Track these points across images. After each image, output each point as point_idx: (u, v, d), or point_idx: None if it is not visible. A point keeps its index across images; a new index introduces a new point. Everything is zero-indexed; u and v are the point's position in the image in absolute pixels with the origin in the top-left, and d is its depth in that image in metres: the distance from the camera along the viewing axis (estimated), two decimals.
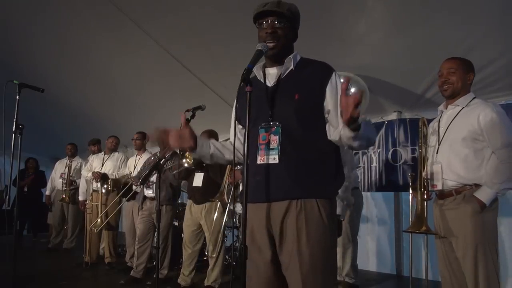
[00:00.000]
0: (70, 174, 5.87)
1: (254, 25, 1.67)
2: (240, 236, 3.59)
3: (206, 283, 3.77)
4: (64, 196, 5.73)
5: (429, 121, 2.57)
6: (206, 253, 3.87)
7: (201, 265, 4.33)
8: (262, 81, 1.69)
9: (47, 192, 6.57)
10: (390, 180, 4.43)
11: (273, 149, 1.55)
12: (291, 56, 1.64)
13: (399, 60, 3.59)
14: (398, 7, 3.11)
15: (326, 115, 1.59)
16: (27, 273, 4.47)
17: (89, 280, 4.45)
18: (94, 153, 5.55)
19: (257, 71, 1.71)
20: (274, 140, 1.56)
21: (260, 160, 1.56)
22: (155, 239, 3.74)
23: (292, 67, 1.64)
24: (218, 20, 3.76)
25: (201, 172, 3.81)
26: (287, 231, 1.52)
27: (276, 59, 1.66)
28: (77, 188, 5.85)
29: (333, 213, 1.58)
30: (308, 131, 1.56)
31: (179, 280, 3.86)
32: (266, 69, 1.71)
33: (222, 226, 3.80)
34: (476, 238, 2.09)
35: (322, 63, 1.67)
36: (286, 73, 1.65)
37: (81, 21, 4.42)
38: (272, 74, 1.68)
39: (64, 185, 5.81)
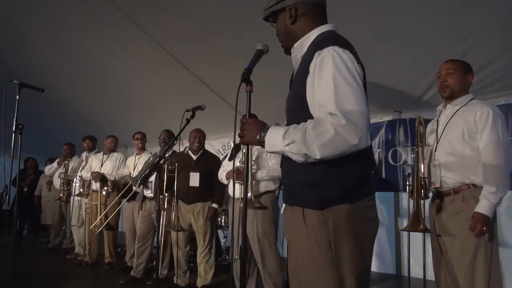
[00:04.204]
0: (68, 174, 5.88)
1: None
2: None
3: (202, 283, 3.77)
4: (61, 195, 5.74)
5: (428, 121, 2.57)
6: (202, 252, 3.86)
7: (196, 266, 4.34)
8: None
9: (37, 192, 6.72)
10: (390, 180, 4.43)
11: None
12: (295, 44, 1.45)
13: (399, 60, 3.58)
14: (398, 6, 3.11)
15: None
16: (27, 273, 4.47)
17: (89, 280, 4.44)
18: (85, 149, 5.58)
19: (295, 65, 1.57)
20: None
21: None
22: (155, 239, 3.74)
23: (299, 57, 1.44)
24: (218, 18, 3.75)
25: (196, 172, 3.80)
26: (288, 239, 1.46)
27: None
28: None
29: (326, 227, 1.29)
30: None
31: (178, 282, 3.87)
32: None
33: (207, 226, 3.80)
34: (476, 240, 2.08)
35: (318, 42, 1.34)
36: (297, 66, 1.45)
37: (82, 21, 4.41)
38: None
39: (62, 185, 5.81)
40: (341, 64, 1.23)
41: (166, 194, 3.73)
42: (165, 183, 3.75)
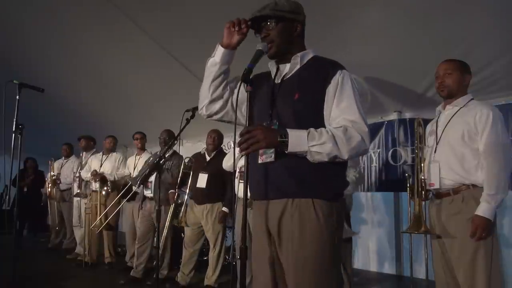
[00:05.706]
0: (54, 174, 5.89)
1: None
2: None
3: (206, 282, 3.79)
4: (54, 194, 5.76)
5: (428, 121, 2.57)
6: (211, 252, 3.87)
7: (200, 265, 4.34)
8: (273, 77, 1.67)
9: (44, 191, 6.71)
10: (390, 180, 4.43)
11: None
12: (299, 54, 1.59)
13: (399, 60, 3.58)
14: (399, 7, 3.11)
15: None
16: (27, 273, 4.46)
17: (89, 280, 4.44)
18: (80, 149, 5.62)
19: (271, 66, 1.68)
20: None
21: (260, 159, 1.54)
22: (155, 239, 3.75)
23: (299, 65, 1.60)
24: (218, 17, 3.73)
25: (204, 173, 3.82)
26: (283, 231, 1.49)
27: (283, 58, 1.62)
28: (67, 189, 5.89)
29: (333, 215, 1.47)
30: None
31: (178, 279, 3.88)
32: (280, 65, 1.66)
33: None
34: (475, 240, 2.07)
35: (331, 62, 1.58)
36: (292, 71, 1.60)
37: (82, 21, 4.41)
38: (282, 71, 1.65)
39: (50, 184, 5.84)
40: (355, 85, 1.54)
41: (174, 189, 3.81)
42: (179, 179, 3.91)
